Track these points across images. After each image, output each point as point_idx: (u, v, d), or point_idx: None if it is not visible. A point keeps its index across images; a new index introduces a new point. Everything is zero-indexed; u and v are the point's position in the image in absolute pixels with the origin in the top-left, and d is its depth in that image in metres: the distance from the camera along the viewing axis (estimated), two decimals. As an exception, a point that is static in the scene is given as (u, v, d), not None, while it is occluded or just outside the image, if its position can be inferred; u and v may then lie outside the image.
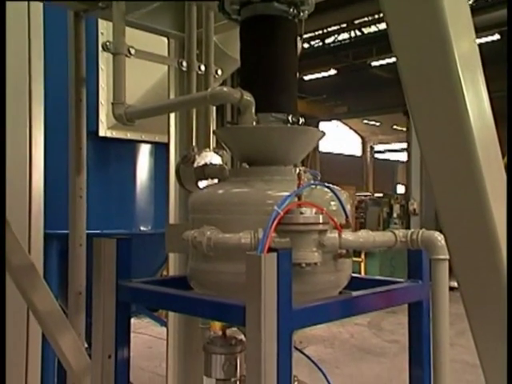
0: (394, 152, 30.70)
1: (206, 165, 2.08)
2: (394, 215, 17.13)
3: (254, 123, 1.78)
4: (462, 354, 7.94)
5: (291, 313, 1.45)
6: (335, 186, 1.80)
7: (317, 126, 20.84)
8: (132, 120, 2.04)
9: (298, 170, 1.60)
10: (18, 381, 3.31)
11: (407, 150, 19.31)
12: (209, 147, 2.31)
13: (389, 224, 17.38)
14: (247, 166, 1.84)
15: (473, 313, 1.35)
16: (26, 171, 3.07)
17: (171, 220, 3.01)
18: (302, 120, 1.85)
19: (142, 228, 4.77)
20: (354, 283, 1.88)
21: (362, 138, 30.32)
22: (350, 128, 29.22)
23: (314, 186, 1.73)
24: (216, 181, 2.01)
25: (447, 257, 1.62)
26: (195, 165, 2.08)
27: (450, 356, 1.89)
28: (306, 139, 1.86)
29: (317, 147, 23.98)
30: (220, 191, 1.79)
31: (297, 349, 1.95)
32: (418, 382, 1.98)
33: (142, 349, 8.28)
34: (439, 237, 1.62)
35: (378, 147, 31.39)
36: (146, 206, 4.77)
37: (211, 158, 2.12)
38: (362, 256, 12.85)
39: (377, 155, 31.44)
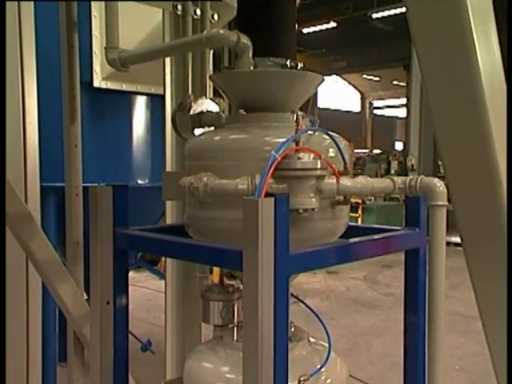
0: (392, 108, 30.43)
1: (202, 112, 2.04)
2: (392, 172, 17.15)
3: (252, 68, 1.74)
4: (455, 305, 8.10)
5: (288, 257, 1.45)
6: (334, 133, 1.77)
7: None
8: (126, 65, 1.99)
9: (296, 115, 1.57)
10: (20, 330, 3.37)
11: (406, 105, 19.13)
12: (205, 95, 2.27)
13: (386, 180, 17.43)
14: (244, 113, 1.81)
15: (474, 263, 1.34)
16: (20, 123, 3.02)
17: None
18: (300, 65, 1.80)
19: (139, 181, 4.76)
20: (351, 231, 1.88)
21: (362, 93, 30.00)
22: (350, 83, 28.87)
23: (312, 132, 1.70)
24: (213, 129, 1.98)
25: (445, 203, 1.61)
26: (191, 112, 2.04)
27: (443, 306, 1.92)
28: (305, 84, 1.82)
29: (315, 102, 23.74)
30: (216, 138, 1.76)
31: (294, 296, 1.97)
32: (413, 329, 2.00)
33: (141, 301, 8.42)
34: (438, 183, 1.61)
35: (377, 103, 31.11)
36: (142, 159, 4.74)
37: (208, 105, 2.08)
38: (359, 211, 12.94)
39: (376, 111, 31.20)
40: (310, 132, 1.69)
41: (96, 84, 4.06)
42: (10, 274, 3.12)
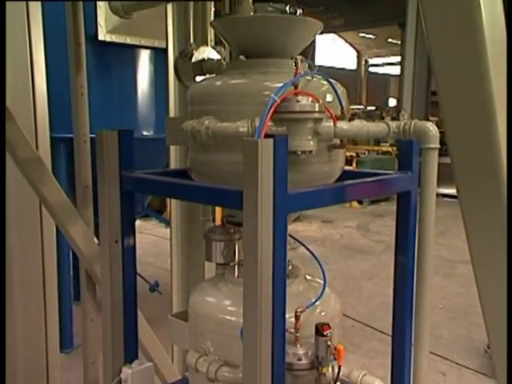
0: (387, 66, 29.87)
1: (203, 60, 1.98)
2: (385, 127, 16.98)
3: (252, 13, 1.67)
4: (441, 251, 8.21)
5: (286, 197, 1.43)
6: (332, 80, 1.72)
7: (313, 39, 20.06)
8: (129, 12, 1.92)
9: (295, 59, 1.52)
10: (36, 272, 3.41)
11: (401, 63, 18.82)
12: (207, 43, 2.20)
13: (380, 136, 17.29)
14: (244, 59, 1.75)
15: (470, 220, 1.30)
16: (28, 74, 2.95)
17: (171, 121, 2.95)
18: (299, 11, 1.73)
19: (144, 133, 4.72)
20: (347, 175, 1.86)
21: (358, 51, 29.39)
22: (346, 41, 28.24)
23: (310, 78, 1.66)
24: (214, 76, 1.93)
25: (437, 146, 1.59)
26: (193, 60, 1.98)
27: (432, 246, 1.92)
28: (304, 30, 1.76)
29: (313, 59, 23.23)
30: (217, 83, 1.72)
31: (291, 236, 1.97)
32: (403, 268, 2.00)
33: (148, 247, 8.52)
34: (431, 127, 1.58)
35: (372, 61, 30.52)
36: (147, 111, 4.69)
37: (209, 53, 2.02)
38: (353, 164, 12.90)
39: (370, 69, 30.64)
40: (308, 77, 1.65)
41: (101, 37, 3.97)
42: (25, 219, 3.13)
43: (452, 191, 13.09)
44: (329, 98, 1.66)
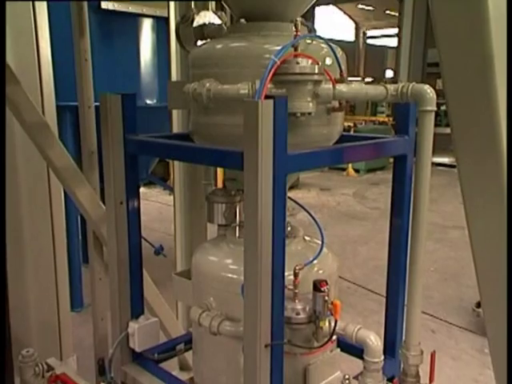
0: (385, 38, 29.33)
1: (204, 24, 1.92)
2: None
3: (252, -24, 1.61)
4: (433, 217, 8.23)
5: (286, 157, 1.41)
6: (332, 44, 1.68)
7: (313, 11, 19.66)
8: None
9: (295, 21, 1.47)
10: (46, 235, 3.42)
11: (398, 35, 18.49)
12: (207, 8, 2.13)
13: (376, 107, 17.14)
14: (245, 22, 1.70)
15: (467, 180, 1.24)
16: (33, 40, 2.89)
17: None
18: (299, -26, 1.67)
19: (147, 101, 4.66)
20: (345, 139, 1.83)
21: (356, 23, 28.82)
22: (345, 13, 27.67)
23: (310, 41, 1.61)
24: (215, 40, 1.87)
25: (434, 108, 1.55)
26: (194, 24, 1.92)
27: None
28: (304, -7, 1.70)
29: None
30: (218, 46, 1.67)
31: (290, 199, 1.96)
32: (397, 230, 2.00)
33: (153, 214, 8.54)
34: (428, 89, 1.54)
35: (370, 33, 29.95)
36: (150, 80, 4.61)
37: (210, 17, 1.96)
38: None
39: (368, 41, 30.10)
40: (308, 40, 1.60)
41: (104, 5, 3.87)
42: (34, 185, 3.12)
43: (445, 160, 13.06)
44: (328, 61, 1.61)
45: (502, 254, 0.99)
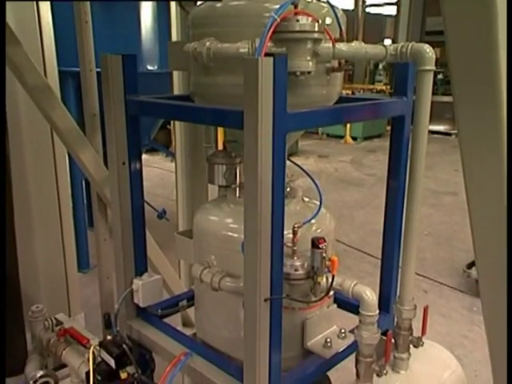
0: (384, 6, 28.62)
1: (204, -16, 1.85)
2: (380, 67, 16.56)
3: None
4: (428, 183, 8.23)
5: (286, 116, 1.38)
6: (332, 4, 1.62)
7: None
8: None
9: (295, -23, 1.41)
10: (52, 199, 3.41)
11: (397, 3, 18.10)
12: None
13: (374, 75, 16.88)
14: (245, -19, 1.64)
15: (465, 132, 1.18)
16: (33, 3, 2.80)
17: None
18: None
19: (148, 67, 4.58)
20: (343, 101, 1.79)
21: (355, -9, 28.09)
22: (344, -19, 26.91)
23: (310, 0, 1.55)
24: (215, 0, 1.81)
25: (433, 68, 1.51)
26: (194, -16, 1.86)
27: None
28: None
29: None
30: (218, 5, 1.61)
31: (290, 160, 1.93)
32: (394, 192, 1.98)
33: (156, 180, 8.53)
34: (428, 49, 1.50)
35: (369, 1, 29.22)
36: (150, 46, 4.51)
37: (210, -23, 1.88)
38: (349, 102, 12.65)
39: (368, 9, 29.40)
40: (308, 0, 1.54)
41: (104, -31, 3.75)
42: (38, 148, 3.09)
43: (441, 128, 12.96)
44: (328, 20, 1.56)
45: (499, 206, 0.97)
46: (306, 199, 1.95)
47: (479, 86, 0.93)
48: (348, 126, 12.79)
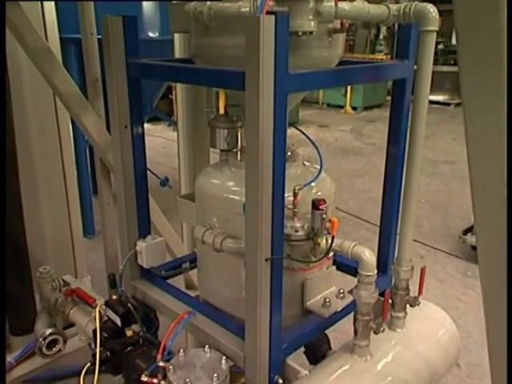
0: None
1: None
2: (381, 37, 16.22)
3: None
4: (426, 152, 8.07)
5: (287, 76, 1.34)
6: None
7: None
8: None
9: None
10: (56, 166, 3.40)
11: (399, -29, 17.54)
12: None
13: (375, 45, 16.54)
14: None
15: (468, 85, 1.12)
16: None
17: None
18: None
19: (150, 34, 4.48)
20: (344, 64, 1.75)
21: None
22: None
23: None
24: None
25: (436, 28, 1.46)
26: None
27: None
28: None
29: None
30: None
31: (292, 125, 1.90)
32: (393, 159, 1.96)
33: (158, 149, 8.49)
34: (431, 8, 1.45)
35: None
36: (151, 12, 4.40)
37: None
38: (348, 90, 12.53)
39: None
40: (310, -42, 1.48)
41: None
42: (41, 114, 3.05)
43: (440, 98, 12.79)
44: (330, -21, 1.50)
45: (500, 160, 0.95)
46: (307, 163, 1.93)
47: (482, 35, 0.90)
48: (348, 95, 12.64)
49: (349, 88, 12.49)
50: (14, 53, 2.66)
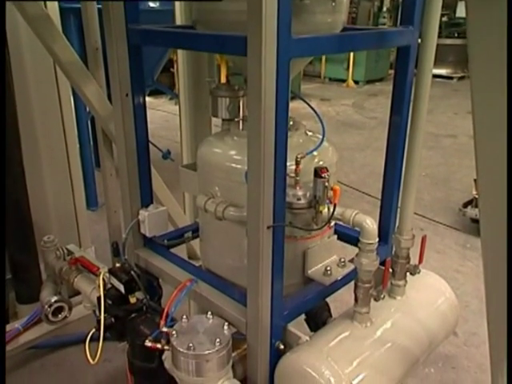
0: None
1: None
2: (384, 9, 15.89)
3: None
4: (427, 126, 8.01)
5: (290, 41, 1.31)
6: None
7: None
8: None
9: None
10: (58, 136, 3.37)
11: None
12: None
13: (378, 18, 16.22)
14: None
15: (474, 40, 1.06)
16: None
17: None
18: None
19: (150, 4, 4.38)
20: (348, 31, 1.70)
21: None
22: None
23: None
24: None
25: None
26: None
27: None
28: None
29: None
30: None
31: (294, 93, 1.86)
32: (396, 128, 1.93)
33: (160, 122, 8.42)
34: (438, -29, 1.39)
35: None
36: (152, -19, 4.29)
37: None
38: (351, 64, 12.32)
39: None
40: None
41: None
42: (41, 84, 3.01)
43: (443, 72, 12.61)
44: None
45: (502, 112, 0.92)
46: (310, 133, 1.91)
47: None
48: (350, 69, 12.45)
49: (351, 62, 12.30)
50: (13, 20, 2.60)
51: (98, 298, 1.85)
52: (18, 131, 2.64)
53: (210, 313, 1.66)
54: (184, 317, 1.64)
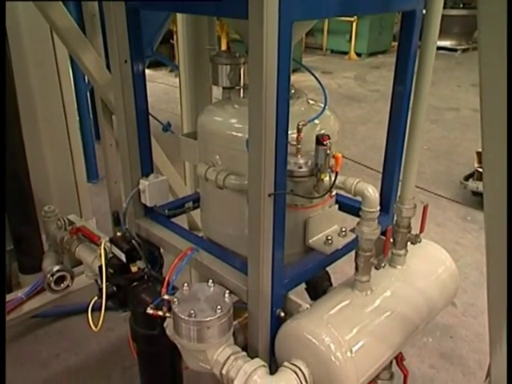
0: None
1: None
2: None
3: None
4: (430, 100, 7.79)
5: (293, 2, 1.26)
6: None
7: None
8: None
9: None
10: (57, 108, 3.33)
11: None
12: None
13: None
14: None
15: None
16: None
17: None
18: None
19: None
20: None
21: None
22: None
23: None
24: None
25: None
26: None
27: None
28: None
29: None
30: None
31: (296, 61, 1.82)
32: (398, 100, 1.89)
33: (160, 95, 8.34)
34: None
35: None
36: None
37: None
38: (355, 16, 12.01)
39: None
40: None
41: None
42: (38, 53, 2.95)
43: (447, 44, 12.39)
44: None
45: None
46: (312, 102, 1.87)
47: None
48: (353, 41, 12.23)
49: (353, 33, 12.07)
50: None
51: (100, 267, 1.86)
52: (17, 103, 2.60)
53: (211, 281, 1.66)
54: (185, 285, 1.64)
